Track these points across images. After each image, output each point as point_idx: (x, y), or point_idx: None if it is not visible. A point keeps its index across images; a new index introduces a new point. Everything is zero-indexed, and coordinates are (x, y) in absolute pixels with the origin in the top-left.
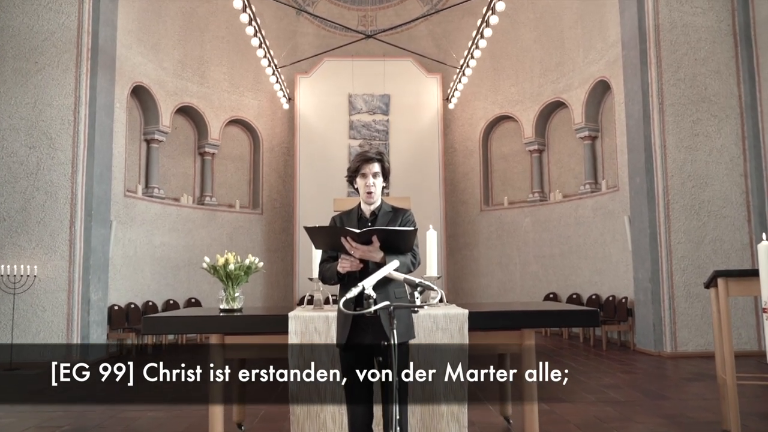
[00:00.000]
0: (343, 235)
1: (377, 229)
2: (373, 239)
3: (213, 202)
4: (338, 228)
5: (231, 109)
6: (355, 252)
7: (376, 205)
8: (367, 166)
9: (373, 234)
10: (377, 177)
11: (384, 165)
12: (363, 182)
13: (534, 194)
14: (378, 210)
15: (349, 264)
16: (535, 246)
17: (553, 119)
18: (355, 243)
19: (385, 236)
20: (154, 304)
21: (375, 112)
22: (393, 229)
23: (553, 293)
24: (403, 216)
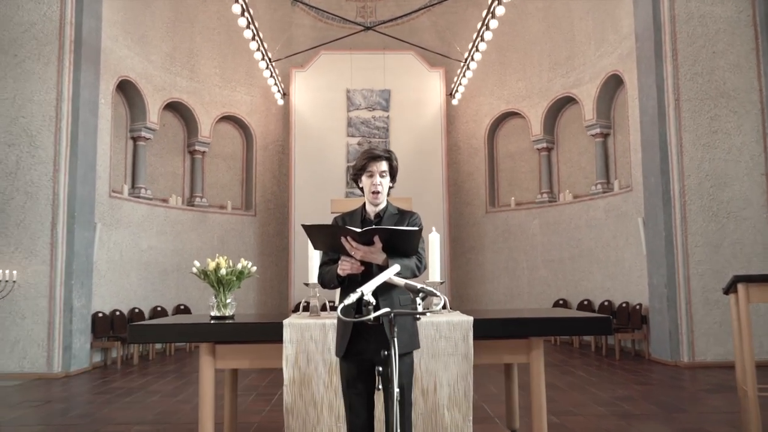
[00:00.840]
0: (343, 234)
1: (379, 229)
2: (374, 239)
3: (203, 204)
4: (338, 227)
5: (222, 105)
6: (355, 253)
7: (381, 206)
8: (374, 164)
9: (374, 234)
10: (384, 176)
11: (392, 164)
12: (369, 181)
13: (542, 195)
14: (383, 212)
15: (349, 266)
16: (544, 250)
17: (562, 116)
18: (355, 243)
19: (387, 237)
20: (141, 311)
21: (374, 108)
22: (396, 229)
23: (563, 299)
24: (410, 218)
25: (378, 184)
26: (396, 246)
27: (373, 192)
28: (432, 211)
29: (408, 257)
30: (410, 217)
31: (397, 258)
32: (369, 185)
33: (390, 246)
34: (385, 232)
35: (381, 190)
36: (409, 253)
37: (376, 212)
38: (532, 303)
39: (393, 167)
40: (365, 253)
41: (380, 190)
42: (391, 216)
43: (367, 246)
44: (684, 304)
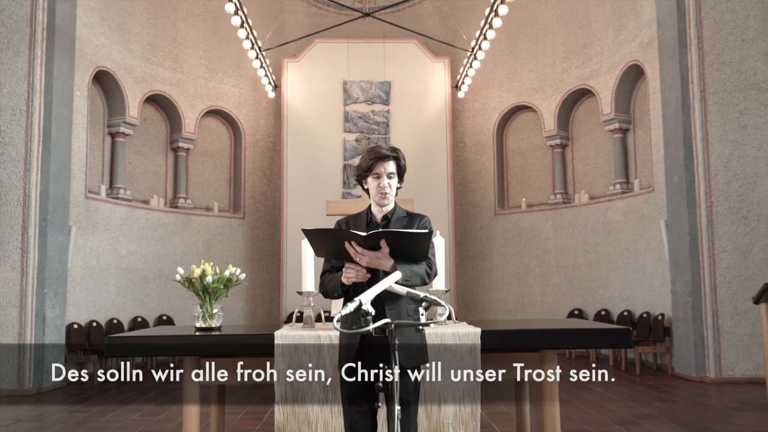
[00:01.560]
0: (347, 239)
1: (386, 232)
2: (381, 244)
3: (188, 205)
4: (341, 231)
5: (208, 98)
6: (361, 259)
7: (389, 208)
8: (382, 164)
9: (381, 238)
10: (392, 177)
11: (400, 164)
12: (376, 183)
13: (556, 195)
14: (391, 214)
15: (354, 273)
16: (558, 255)
17: (578, 109)
18: (361, 248)
19: (395, 240)
20: (120, 322)
21: (373, 102)
22: (404, 232)
23: (579, 309)
24: (420, 222)
25: (386, 185)
26: (405, 250)
27: (381, 194)
28: (436, 213)
29: (417, 263)
30: (420, 219)
31: (405, 264)
32: (376, 187)
33: (398, 251)
34: (392, 236)
35: (389, 191)
36: (418, 258)
37: (383, 214)
38: (544, 313)
39: (401, 167)
40: (371, 259)
41: (388, 191)
42: (400, 219)
43: (374, 251)
44: (710, 314)
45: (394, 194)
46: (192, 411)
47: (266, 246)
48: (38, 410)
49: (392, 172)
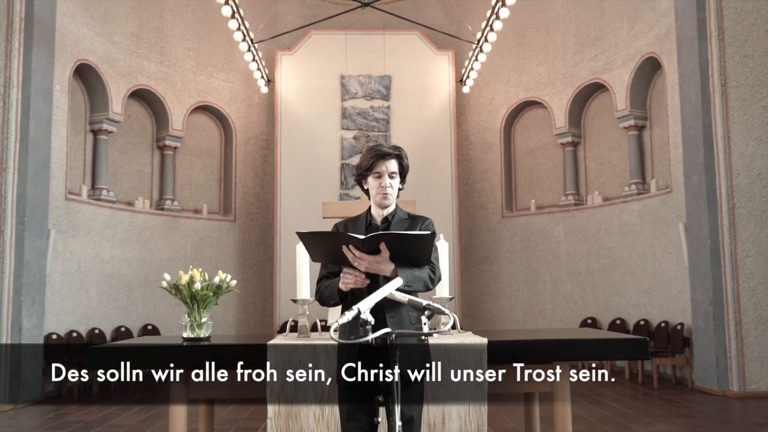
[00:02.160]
0: (344, 242)
1: (385, 234)
2: (381, 247)
3: (175, 207)
4: (338, 234)
5: (197, 94)
6: (359, 264)
7: (389, 210)
8: (383, 163)
9: (380, 241)
10: (394, 177)
11: (402, 163)
12: (377, 183)
13: (567, 197)
14: (392, 216)
15: (352, 279)
16: (569, 260)
17: (590, 105)
18: (359, 252)
19: (396, 244)
20: (102, 333)
21: (373, 97)
22: (405, 234)
23: (592, 318)
24: (422, 224)
25: (387, 185)
26: (406, 254)
27: (382, 194)
28: (439, 216)
29: (420, 267)
30: (422, 222)
31: (407, 268)
32: (377, 187)
33: (399, 254)
34: (393, 239)
35: (390, 192)
36: (421, 262)
37: (383, 216)
38: (555, 322)
39: (403, 166)
40: (370, 264)
41: (390, 192)
42: (401, 221)
43: (373, 255)
44: (733, 323)
45: (395, 195)
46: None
47: (258, 251)
48: (13, 427)
49: (394, 172)
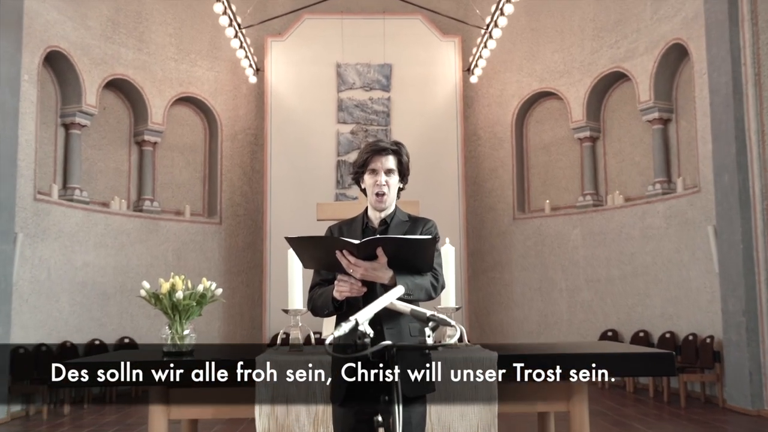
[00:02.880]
0: (338, 247)
1: (383, 239)
2: (378, 252)
3: (155, 209)
4: (331, 238)
5: (179, 84)
6: (354, 271)
7: (388, 212)
8: (379, 159)
9: (378, 245)
10: (391, 175)
11: (401, 159)
12: (372, 180)
13: (585, 197)
14: (390, 218)
15: (347, 288)
16: (588, 267)
17: (611, 96)
18: (354, 258)
19: (395, 248)
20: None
21: (372, 88)
22: (404, 238)
23: (612, 331)
24: (424, 226)
25: (383, 184)
26: (406, 260)
27: (377, 194)
28: (445, 218)
29: (421, 274)
30: (424, 224)
31: (407, 275)
32: (372, 185)
33: (398, 260)
34: (391, 243)
35: (386, 191)
36: (422, 268)
37: (381, 219)
38: (572, 335)
39: (403, 163)
40: (367, 271)
41: (385, 191)
42: (401, 224)
43: (370, 261)
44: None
45: (393, 195)
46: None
47: (246, 256)
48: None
49: (391, 169)
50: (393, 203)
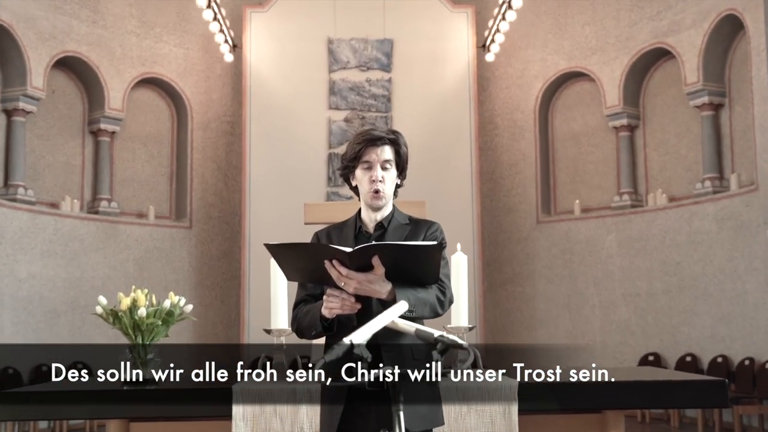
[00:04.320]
0: (327, 256)
1: (380, 245)
2: (374, 262)
3: (113, 210)
4: (318, 246)
5: (141, 63)
6: (347, 284)
7: (384, 213)
8: (374, 150)
9: (374, 253)
10: (388, 168)
11: (400, 150)
12: (366, 176)
13: (622, 196)
14: (388, 221)
15: (338, 304)
16: (625, 278)
17: (652, 77)
18: (346, 270)
19: (394, 257)
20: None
21: (370, 68)
22: (404, 245)
23: (654, 354)
24: (428, 230)
25: (379, 179)
26: (407, 270)
27: (373, 191)
28: (456, 221)
29: (425, 287)
30: (428, 228)
31: (409, 289)
32: (366, 181)
33: (398, 271)
34: (389, 251)
35: (383, 188)
36: (426, 280)
37: (377, 221)
38: (607, 359)
39: (401, 155)
40: (361, 283)
41: (382, 188)
42: (400, 227)
43: (364, 272)
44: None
45: (391, 192)
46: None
47: (222, 267)
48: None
49: (388, 160)
50: (390, 202)
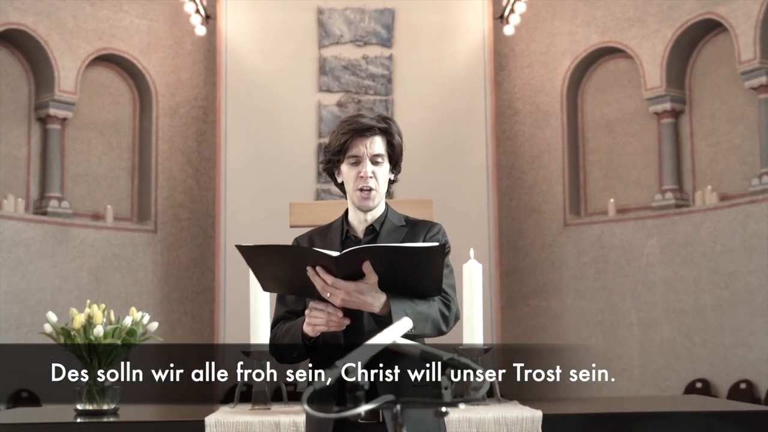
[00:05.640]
0: (310, 262)
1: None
2: (365, 268)
3: (64, 211)
4: (299, 248)
5: (98, 37)
6: (333, 295)
7: (376, 214)
8: (362, 142)
9: (364, 258)
10: (380, 162)
11: (393, 141)
12: (354, 172)
13: (665, 195)
14: (380, 223)
15: (323, 319)
16: (669, 291)
17: (700, 54)
18: (332, 278)
19: (388, 262)
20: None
21: (367, 42)
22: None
23: (703, 380)
24: (428, 233)
25: (369, 176)
26: (405, 278)
27: (360, 190)
28: (469, 224)
29: (426, 298)
30: (428, 230)
31: (407, 301)
32: (353, 178)
33: (394, 279)
34: (383, 255)
35: (374, 185)
36: (427, 290)
37: (367, 224)
38: (646, 386)
39: (394, 146)
40: (350, 294)
41: (373, 186)
42: (395, 230)
43: (354, 281)
44: None
45: (384, 190)
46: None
47: (192, 277)
48: None
49: (379, 155)
50: (383, 202)
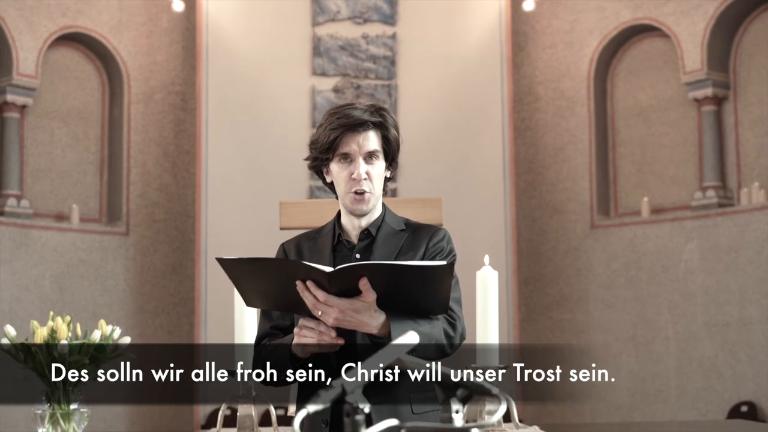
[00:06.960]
0: (300, 276)
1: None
2: (362, 286)
3: (23, 211)
4: (288, 262)
5: (61, 14)
6: (325, 314)
7: (372, 217)
8: (353, 139)
9: (361, 274)
10: (375, 160)
11: (388, 135)
12: (345, 172)
13: (706, 193)
14: (376, 227)
15: (314, 339)
16: (710, 302)
17: (746, 33)
18: (324, 294)
19: (388, 278)
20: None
21: (368, 20)
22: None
23: (749, 403)
24: (431, 239)
25: (362, 177)
26: (407, 296)
27: (354, 192)
28: (483, 225)
29: (428, 317)
30: (431, 237)
31: (408, 320)
32: (345, 179)
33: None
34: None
35: (369, 188)
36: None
37: (362, 229)
38: (685, 410)
39: (390, 140)
40: (344, 313)
41: (367, 188)
42: (393, 235)
43: (348, 298)
44: None
45: (380, 191)
46: None
47: (169, 286)
48: None
49: (374, 151)
50: (379, 203)
